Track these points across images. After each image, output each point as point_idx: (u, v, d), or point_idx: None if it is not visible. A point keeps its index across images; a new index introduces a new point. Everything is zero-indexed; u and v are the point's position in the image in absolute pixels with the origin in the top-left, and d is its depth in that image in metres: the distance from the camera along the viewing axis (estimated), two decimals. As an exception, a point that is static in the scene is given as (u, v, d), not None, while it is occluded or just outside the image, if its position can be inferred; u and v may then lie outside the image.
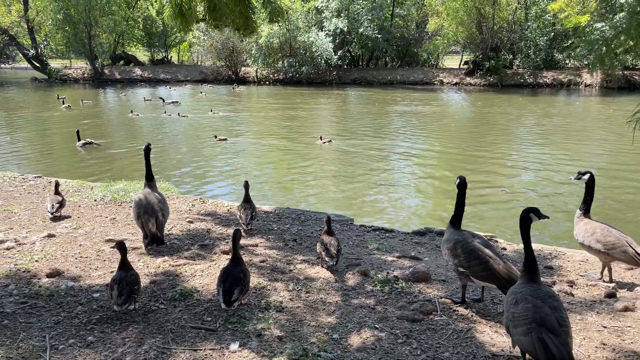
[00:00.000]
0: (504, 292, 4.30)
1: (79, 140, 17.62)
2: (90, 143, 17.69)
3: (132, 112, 26.27)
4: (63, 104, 28.98)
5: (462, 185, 4.75)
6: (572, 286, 5.29)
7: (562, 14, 42.92)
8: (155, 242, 5.89)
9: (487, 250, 4.43)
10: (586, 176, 5.52)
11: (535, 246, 6.88)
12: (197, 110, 28.46)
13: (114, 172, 13.64)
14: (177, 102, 31.39)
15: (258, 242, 6.47)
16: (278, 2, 9.75)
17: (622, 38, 3.27)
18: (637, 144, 8.30)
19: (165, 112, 25.79)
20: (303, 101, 35.00)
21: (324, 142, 18.62)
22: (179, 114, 25.58)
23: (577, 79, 45.10)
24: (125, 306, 4.28)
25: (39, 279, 5.11)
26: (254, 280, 5.09)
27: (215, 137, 19.20)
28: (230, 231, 6.85)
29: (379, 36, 49.43)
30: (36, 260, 5.58)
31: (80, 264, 5.57)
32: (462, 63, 55.88)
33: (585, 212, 5.55)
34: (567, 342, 3.20)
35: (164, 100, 31.21)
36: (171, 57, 68.56)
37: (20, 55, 54.58)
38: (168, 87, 43.99)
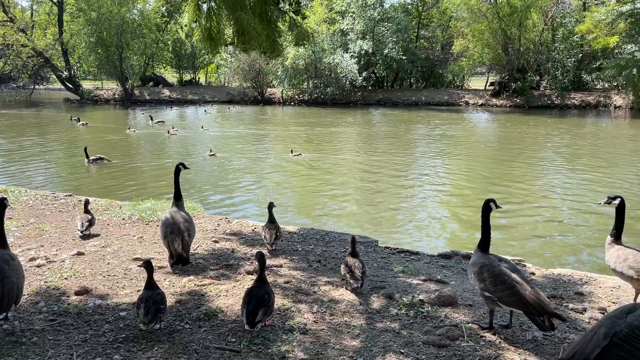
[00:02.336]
0: (531, 319, 4.19)
1: (88, 157, 18.09)
2: (102, 159, 18.14)
3: (129, 128, 27.94)
4: (79, 121, 31.08)
5: (486, 208, 4.70)
6: (603, 313, 5.14)
7: (590, 35, 42.51)
8: (181, 262, 5.95)
9: (514, 275, 4.33)
10: (617, 201, 5.39)
11: (565, 271, 6.72)
12: (191, 129, 29.74)
13: (135, 188, 13.89)
14: (162, 121, 32.73)
15: (282, 263, 6.47)
16: (304, 26, 9.90)
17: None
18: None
19: (168, 132, 26.76)
20: (328, 121, 35.20)
21: (295, 155, 19.60)
22: (168, 132, 26.51)
23: (607, 100, 44.38)
24: (151, 325, 4.31)
25: (68, 296, 5.20)
26: (278, 301, 5.08)
27: (211, 151, 20.07)
28: (255, 251, 6.88)
29: (404, 57, 49.68)
30: (65, 278, 5.68)
31: (107, 282, 5.65)
32: (488, 84, 55.61)
33: (616, 238, 5.40)
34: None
35: (152, 119, 32.53)
36: (199, 78, 70.04)
37: (54, 76, 56.41)
38: (204, 109, 44.67)
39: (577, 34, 44.17)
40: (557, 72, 46.46)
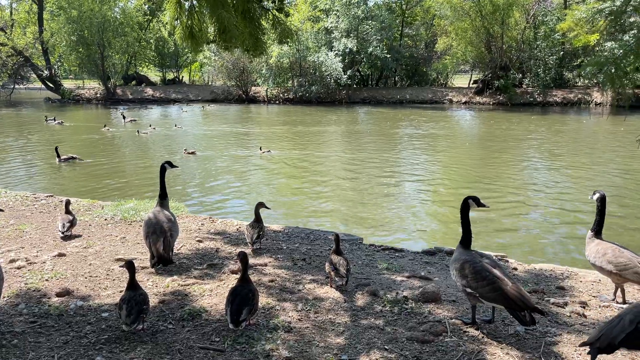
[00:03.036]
0: (512, 314, 4.24)
1: (59, 156, 17.93)
2: (73, 158, 17.99)
3: (105, 126, 28.23)
4: (54, 120, 30.96)
5: (465, 206, 4.74)
6: (584, 307, 5.21)
7: (571, 33, 42.93)
8: (162, 262, 5.89)
9: (495, 271, 4.37)
10: (595, 196, 5.48)
11: (546, 266, 6.80)
12: (165, 128, 29.72)
13: (111, 188, 13.76)
14: (134, 120, 32.73)
15: (267, 262, 6.46)
16: (288, 24, 9.86)
17: (631, 57, 3.27)
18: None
19: (138, 132, 26.73)
20: (313, 119, 35.19)
21: (263, 152, 19.87)
22: (138, 131, 26.49)
23: (587, 97, 45.00)
24: (134, 326, 4.27)
25: (49, 298, 5.13)
26: (263, 300, 5.07)
27: (186, 150, 20.06)
28: (239, 250, 6.85)
29: (388, 56, 49.83)
30: (46, 280, 5.60)
31: (89, 283, 5.59)
32: (472, 82, 56.04)
33: (596, 232, 5.48)
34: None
35: (124, 117, 32.46)
36: (182, 77, 69.51)
37: (35, 76, 55.57)
38: (182, 107, 44.65)
39: (558, 31, 44.59)
40: (539, 70, 46.96)
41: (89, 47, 49.37)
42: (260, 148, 20.49)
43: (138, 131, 26.37)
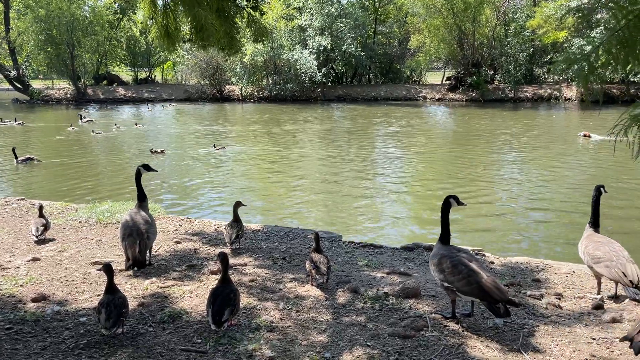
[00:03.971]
0: (487, 307, 4.31)
1: (16, 157, 17.63)
2: (32, 159, 17.72)
3: (71, 125, 28.36)
4: (15, 121, 30.48)
5: (446, 204, 4.79)
6: (559, 298, 5.34)
7: (541, 30, 43.98)
8: (137, 265, 5.80)
9: (471, 264, 4.45)
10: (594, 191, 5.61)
11: (522, 259, 6.94)
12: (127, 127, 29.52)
13: (71, 189, 13.53)
14: (91, 120, 32.42)
15: (247, 261, 6.43)
16: (262, 22, 9.82)
17: (600, 54, 3.36)
18: (618, 154, 8.46)
19: (93, 131, 26.57)
20: (288, 117, 35.12)
21: (218, 149, 20.09)
22: (92, 130, 26.33)
23: (557, 93, 45.97)
24: (113, 330, 4.21)
25: (25, 304, 5.02)
26: (244, 300, 5.05)
27: (152, 150, 19.92)
28: (219, 251, 6.81)
29: (362, 53, 50.06)
30: (21, 285, 5.48)
31: (66, 287, 5.48)
32: (445, 79, 56.66)
33: (592, 224, 5.59)
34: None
35: (82, 117, 32.16)
36: (155, 76, 68.53)
37: (1, 76, 54.07)
38: (148, 107, 44.22)
39: (528, 28, 45.56)
40: (510, 67, 47.76)
41: (57, 47, 48.26)
42: (214, 145, 20.61)
43: (93, 130, 26.23)
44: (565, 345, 4.22)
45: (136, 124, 29.46)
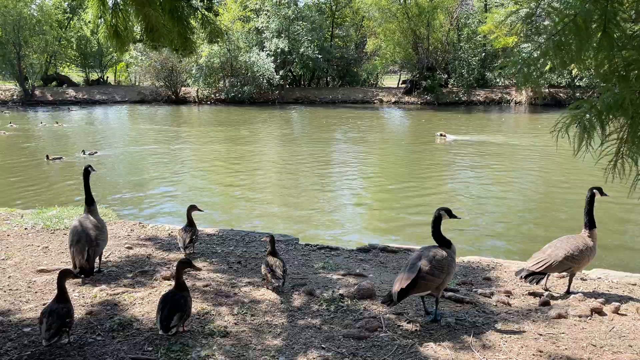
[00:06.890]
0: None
1: None
2: None
3: (10, 123, 28.42)
4: None
5: (437, 218, 4.74)
6: (509, 296, 5.49)
7: (492, 36, 45.33)
8: (84, 273, 5.60)
9: (410, 261, 4.67)
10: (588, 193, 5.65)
11: (474, 258, 7.12)
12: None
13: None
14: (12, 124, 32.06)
15: (201, 266, 6.32)
16: (217, 23, 9.71)
17: (541, 58, 3.51)
18: (561, 151, 8.77)
19: (41, 123, 26.83)
20: (244, 120, 34.85)
21: (89, 154, 19.57)
22: (41, 121, 26.63)
23: (508, 96, 47.52)
24: (53, 340, 4.04)
25: (-37, 315, 4.76)
26: (197, 305, 4.96)
27: (47, 157, 18.68)
28: (172, 256, 6.68)
29: (320, 56, 50.26)
30: (-41, 296, 5.20)
31: (9, 297, 5.24)
32: (400, 82, 57.59)
33: (584, 226, 5.61)
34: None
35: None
36: (107, 77, 66.66)
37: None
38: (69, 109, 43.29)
39: (479, 34, 46.89)
40: (463, 70, 49.03)
41: (3, 46, 46.32)
42: (83, 151, 19.66)
43: (41, 121, 25.85)
44: (514, 342, 4.34)
45: (57, 123, 29.18)
